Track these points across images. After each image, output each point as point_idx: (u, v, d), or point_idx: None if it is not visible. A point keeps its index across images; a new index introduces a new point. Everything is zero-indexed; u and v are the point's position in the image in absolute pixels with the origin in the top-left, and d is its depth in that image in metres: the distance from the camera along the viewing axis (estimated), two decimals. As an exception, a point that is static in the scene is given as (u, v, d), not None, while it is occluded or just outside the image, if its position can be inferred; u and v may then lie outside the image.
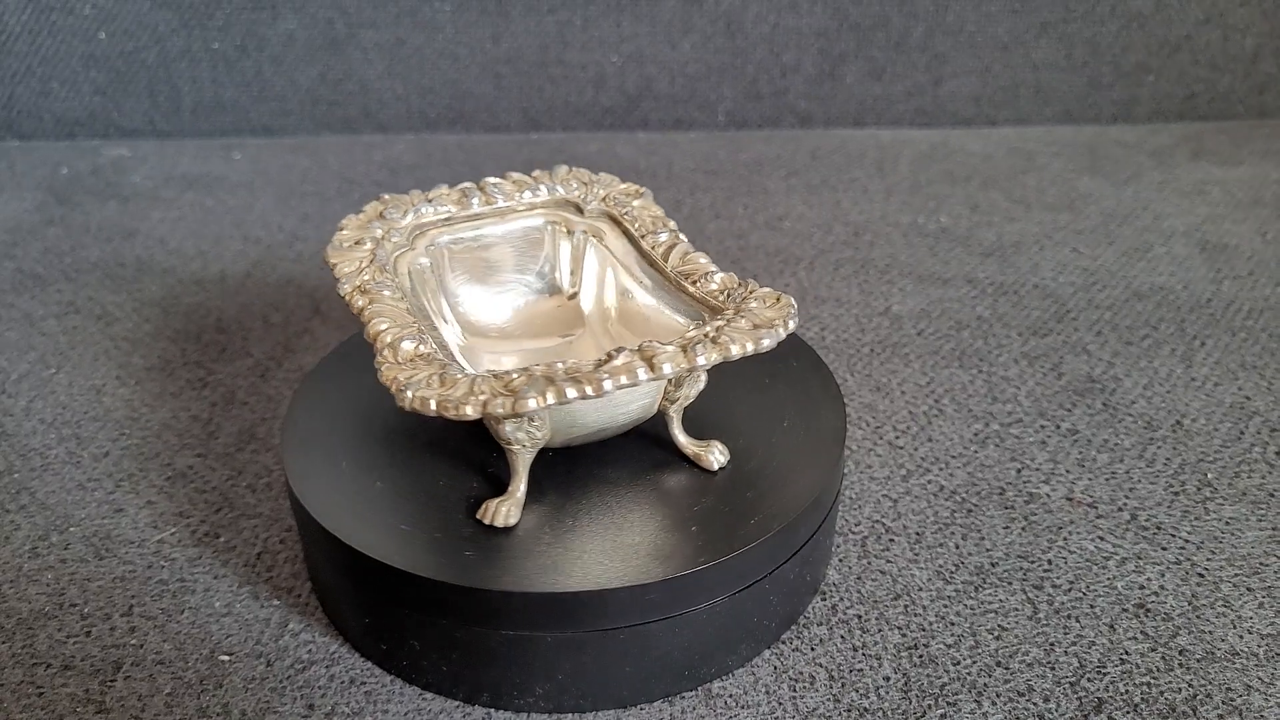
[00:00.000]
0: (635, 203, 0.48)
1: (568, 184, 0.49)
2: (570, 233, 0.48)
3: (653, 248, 0.45)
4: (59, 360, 0.61)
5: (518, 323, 0.48)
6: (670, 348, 0.35)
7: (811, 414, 0.45)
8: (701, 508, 0.40)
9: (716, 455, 0.42)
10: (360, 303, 0.40)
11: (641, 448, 0.43)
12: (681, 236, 0.45)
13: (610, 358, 0.35)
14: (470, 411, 0.34)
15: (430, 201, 0.47)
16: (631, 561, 0.37)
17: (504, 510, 0.39)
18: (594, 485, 0.41)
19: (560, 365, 0.35)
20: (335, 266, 0.43)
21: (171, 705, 0.39)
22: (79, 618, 0.43)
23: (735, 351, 0.36)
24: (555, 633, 0.37)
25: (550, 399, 0.34)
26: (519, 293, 0.48)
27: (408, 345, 0.37)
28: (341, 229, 0.46)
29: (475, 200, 0.48)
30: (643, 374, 0.34)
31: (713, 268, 0.42)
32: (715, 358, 0.35)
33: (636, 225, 0.46)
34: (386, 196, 0.48)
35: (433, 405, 0.34)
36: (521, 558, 0.37)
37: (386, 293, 0.41)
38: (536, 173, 0.50)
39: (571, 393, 0.34)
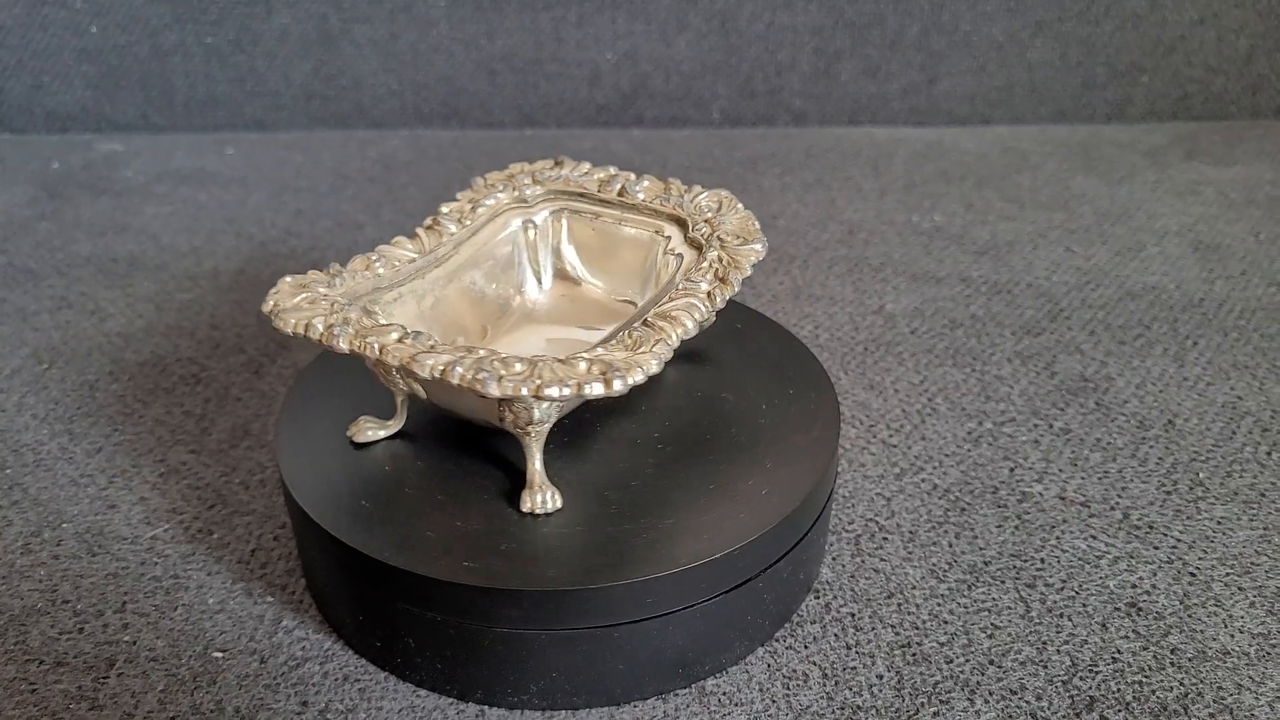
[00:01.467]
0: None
1: (699, 206, 0.47)
2: (665, 246, 0.47)
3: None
4: (51, 355, 0.61)
5: (559, 308, 0.48)
6: (449, 354, 0.35)
7: (805, 412, 0.45)
8: (695, 505, 0.40)
9: (539, 501, 0.39)
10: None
11: (637, 446, 0.43)
12: (719, 297, 0.42)
13: (405, 335, 0.36)
14: (280, 323, 0.37)
15: (578, 174, 0.50)
16: (625, 559, 0.37)
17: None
18: (588, 483, 0.41)
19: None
20: (460, 195, 0.48)
21: (165, 702, 0.39)
22: (72, 614, 0.43)
23: (493, 391, 0.34)
24: (549, 630, 0.37)
25: (347, 346, 0.36)
26: (587, 281, 0.49)
27: (358, 261, 0.41)
28: (502, 171, 0.50)
29: (616, 186, 0.48)
30: (427, 372, 0.35)
31: (683, 317, 0.40)
32: (468, 380, 0.34)
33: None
34: (562, 158, 0.50)
35: (269, 304, 0.38)
36: (515, 555, 0.37)
37: (452, 228, 0.45)
38: (686, 185, 0.49)
39: (341, 345, 0.36)
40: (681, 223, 0.47)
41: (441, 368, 0.35)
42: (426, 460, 0.42)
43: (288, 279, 0.39)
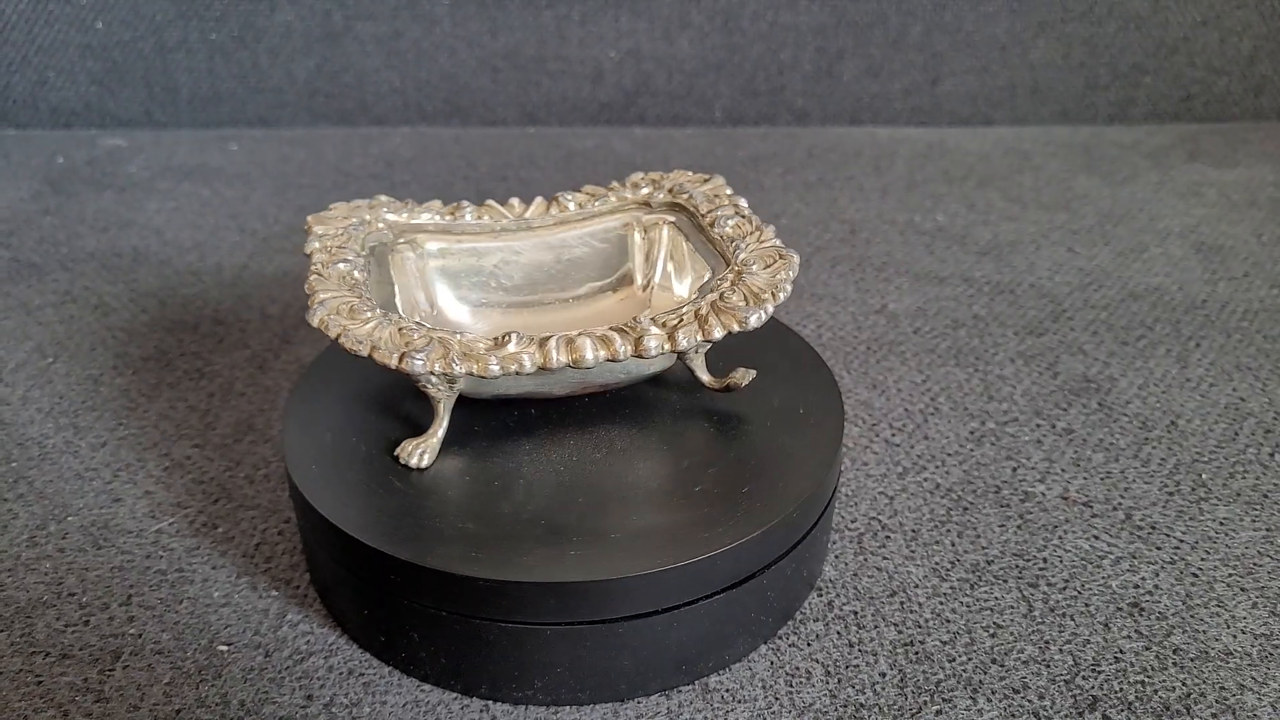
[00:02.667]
0: (704, 187, 0.49)
1: (637, 187, 0.50)
2: (643, 228, 0.49)
3: (712, 225, 0.45)
4: (56, 349, 0.61)
5: (583, 318, 0.48)
6: (551, 341, 0.38)
7: (809, 411, 0.45)
8: (699, 502, 0.40)
9: (739, 378, 0.44)
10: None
11: (641, 442, 0.43)
12: (745, 214, 0.46)
13: (503, 342, 0.38)
14: (361, 352, 0.38)
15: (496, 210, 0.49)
16: (630, 556, 0.37)
17: (418, 452, 0.41)
18: (593, 480, 0.41)
19: (458, 338, 0.38)
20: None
21: (170, 695, 0.39)
22: (77, 607, 0.43)
23: (653, 349, 0.38)
24: (554, 625, 0.37)
25: (436, 367, 0.37)
26: (588, 292, 0.49)
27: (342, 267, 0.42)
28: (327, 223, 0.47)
29: (554, 209, 0.49)
30: (528, 362, 0.37)
31: (758, 235, 0.44)
32: (604, 355, 0.38)
33: (700, 206, 0.47)
34: (453, 204, 0.49)
35: (330, 332, 0.39)
36: (521, 550, 0.37)
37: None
38: (613, 184, 0.50)
39: (459, 368, 0.37)
40: (643, 207, 0.49)
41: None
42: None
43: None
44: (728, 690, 0.40)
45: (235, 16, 0.95)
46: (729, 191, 0.48)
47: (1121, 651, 0.41)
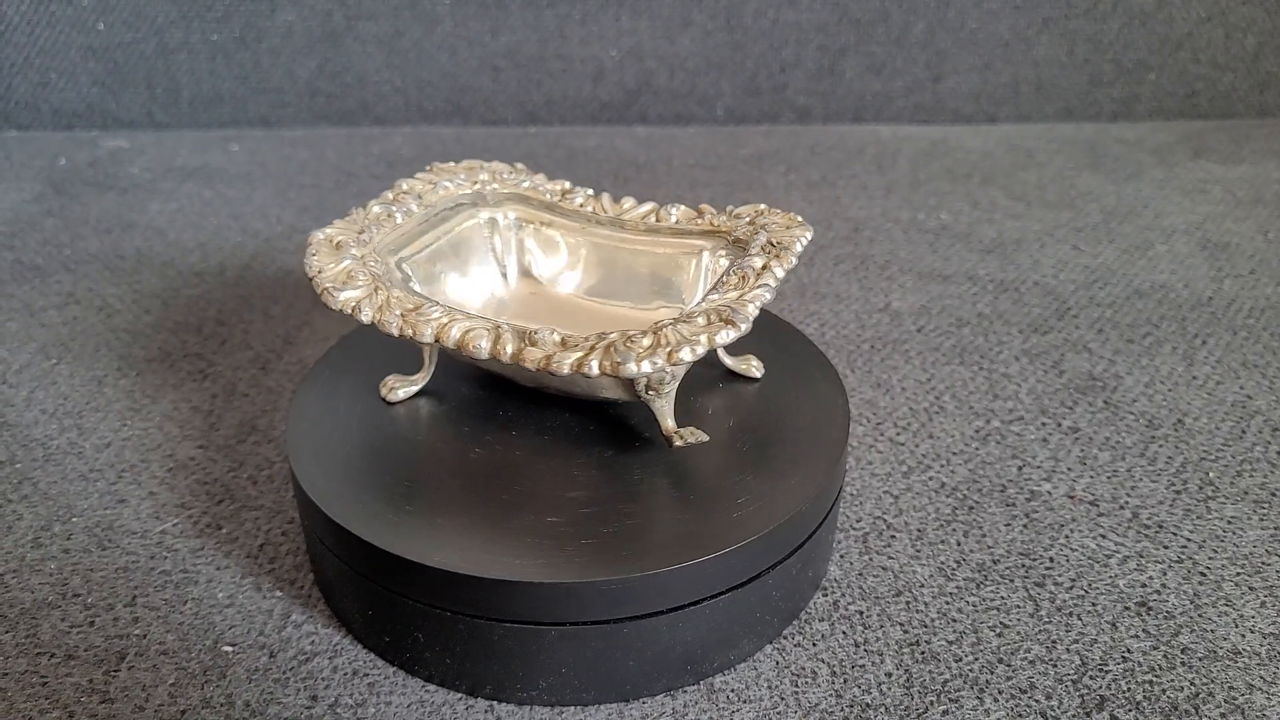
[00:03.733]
0: (788, 231, 0.45)
1: (737, 217, 0.47)
2: (713, 254, 0.47)
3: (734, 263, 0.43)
4: (60, 351, 0.61)
5: (609, 319, 0.48)
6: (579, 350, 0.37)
7: (814, 409, 0.45)
8: (704, 501, 0.40)
9: (684, 435, 0.40)
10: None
11: (646, 442, 0.43)
12: (776, 267, 0.42)
13: (420, 306, 0.39)
14: (356, 312, 0.39)
15: (543, 185, 0.50)
16: (635, 556, 0.37)
17: (399, 388, 0.45)
18: (600, 479, 0.41)
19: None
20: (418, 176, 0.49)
21: (175, 695, 0.39)
22: (82, 608, 0.43)
23: (632, 370, 0.36)
24: (559, 626, 0.37)
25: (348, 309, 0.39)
26: (625, 299, 0.49)
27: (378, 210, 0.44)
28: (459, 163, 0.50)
29: (577, 200, 0.49)
30: (509, 347, 0.38)
31: (754, 276, 0.41)
32: (595, 369, 0.37)
33: (750, 244, 0.44)
34: (519, 165, 0.51)
35: (308, 253, 0.41)
36: (525, 551, 0.37)
37: (413, 206, 0.47)
38: (729, 207, 0.48)
39: (366, 315, 0.39)
40: (723, 236, 0.46)
41: (575, 363, 0.37)
42: (436, 454, 0.42)
43: (319, 236, 0.43)
44: (733, 690, 0.39)
45: (237, 17, 0.95)
46: (798, 249, 0.43)
47: (1129, 651, 0.41)
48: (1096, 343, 0.62)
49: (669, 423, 0.41)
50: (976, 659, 0.41)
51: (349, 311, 0.40)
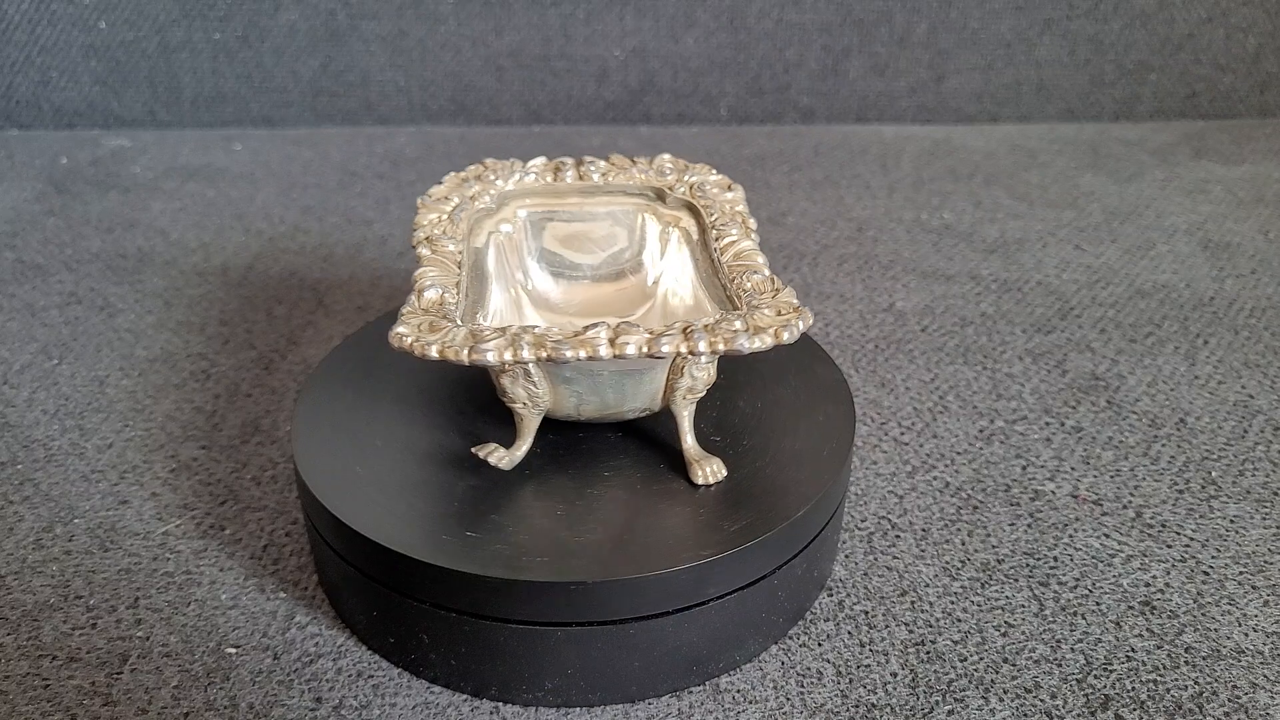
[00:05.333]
0: (726, 195, 0.48)
1: (661, 171, 0.49)
2: (656, 219, 0.49)
3: (716, 239, 0.44)
4: (61, 351, 0.61)
5: (582, 300, 0.48)
6: (641, 333, 0.36)
7: (819, 410, 0.45)
8: (710, 503, 0.40)
9: (710, 471, 0.41)
10: (424, 252, 0.43)
11: (652, 443, 0.43)
12: (753, 236, 0.45)
13: (584, 331, 0.36)
14: (434, 353, 0.36)
15: (527, 171, 0.49)
16: (640, 557, 0.37)
17: (503, 457, 0.41)
18: (605, 479, 0.41)
19: (543, 330, 0.37)
20: (417, 215, 0.46)
21: (178, 698, 0.39)
22: (84, 610, 0.43)
23: (703, 347, 0.35)
24: (564, 627, 0.37)
25: (507, 356, 0.35)
26: (589, 272, 0.49)
27: (431, 294, 0.39)
28: (439, 184, 0.48)
29: (569, 175, 0.49)
30: (604, 350, 0.36)
31: (764, 269, 0.42)
32: (682, 349, 0.36)
33: (713, 218, 0.46)
34: (489, 161, 0.50)
35: (407, 342, 0.36)
36: (531, 550, 0.37)
37: (450, 246, 0.43)
38: (637, 158, 0.50)
39: (526, 354, 0.35)
40: (657, 191, 0.48)
41: (682, 344, 0.36)
42: (439, 455, 0.42)
43: (403, 327, 0.38)
44: (739, 691, 0.39)
45: (239, 16, 0.95)
46: (743, 209, 0.47)
47: (1133, 650, 0.41)
48: (1099, 342, 0.62)
49: (691, 439, 0.41)
50: (981, 659, 0.41)
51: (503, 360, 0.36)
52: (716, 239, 0.44)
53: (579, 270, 0.49)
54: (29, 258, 0.72)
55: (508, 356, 0.35)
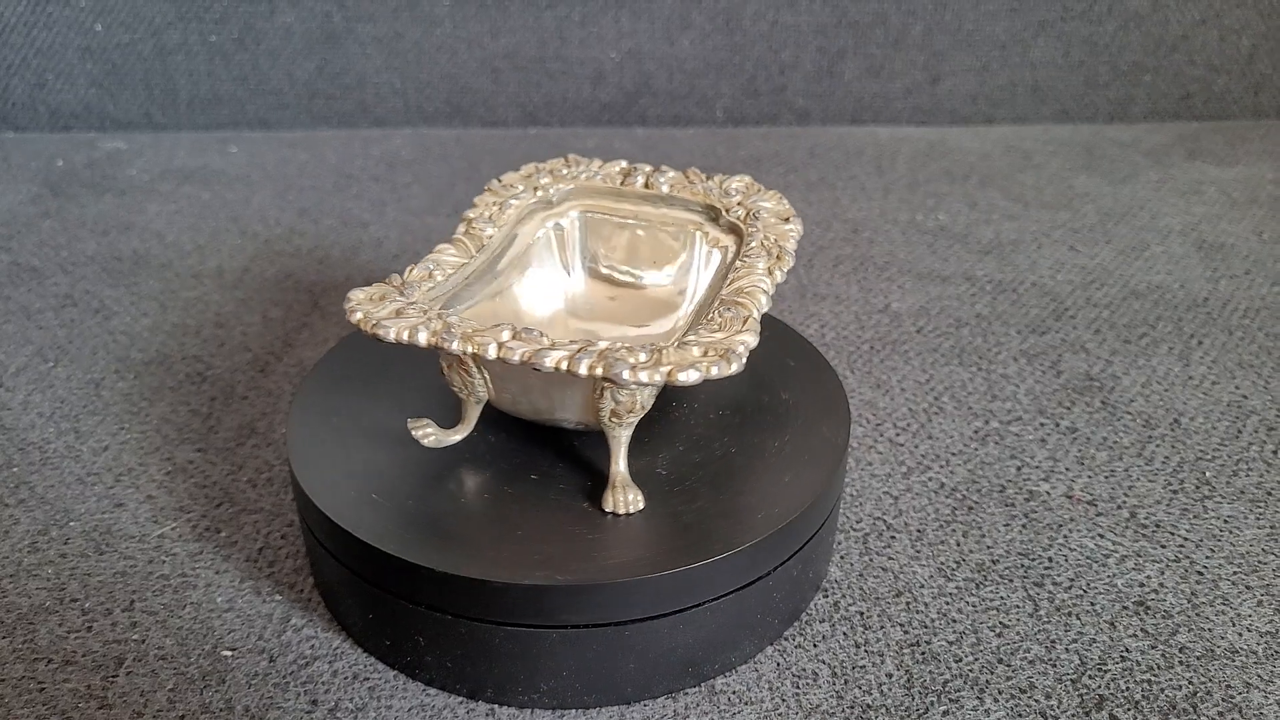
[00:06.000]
0: (781, 226, 0.46)
1: (727, 191, 0.48)
2: (705, 238, 0.48)
3: (737, 266, 0.43)
4: (57, 354, 0.61)
5: (614, 306, 0.48)
6: (534, 343, 0.36)
7: (814, 411, 0.45)
8: (704, 504, 0.40)
9: (625, 501, 0.39)
10: (458, 232, 0.45)
11: (646, 444, 0.43)
12: (777, 271, 0.42)
13: (492, 329, 0.37)
14: (357, 318, 0.37)
15: (596, 171, 0.50)
16: (635, 558, 0.37)
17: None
18: (599, 482, 0.41)
19: (456, 322, 0.37)
20: (478, 196, 0.47)
21: (174, 701, 0.39)
22: (80, 613, 0.43)
23: (583, 370, 0.35)
24: (559, 628, 0.37)
25: (404, 337, 0.36)
26: (628, 280, 0.49)
27: (419, 270, 0.41)
28: (514, 171, 0.49)
29: (638, 180, 0.49)
30: (491, 351, 0.36)
31: (751, 308, 0.39)
32: (563, 365, 0.35)
33: (750, 245, 0.44)
34: (571, 156, 0.51)
35: (349, 306, 0.38)
36: (526, 554, 0.37)
37: (488, 230, 0.45)
38: (714, 174, 0.50)
39: (421, 339, 0.36)
40: (713, 210, 0.47)
41: (565, 361, 0.35)
42: (434, 458, 0.42)
43: (358, 293, 0.39)
44: (734, 692, 0.39)
45: (235, 18, 0.95)
46: (790, 246, 0.44)
47: (1127, 650, 0.41)
48: (1094, 343, 0.62)
49: (621, 464, 0.40)
50: (976, 659, 0.41)
51: (400, 340, 0.37)
52: (737, 266, 0.43)
53: (619, 276, 0.49)
54: (24, 260, 0.72)
55: (404, 338, 0.36)
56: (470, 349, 0.36)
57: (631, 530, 0.38)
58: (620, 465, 0.40)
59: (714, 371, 0.35)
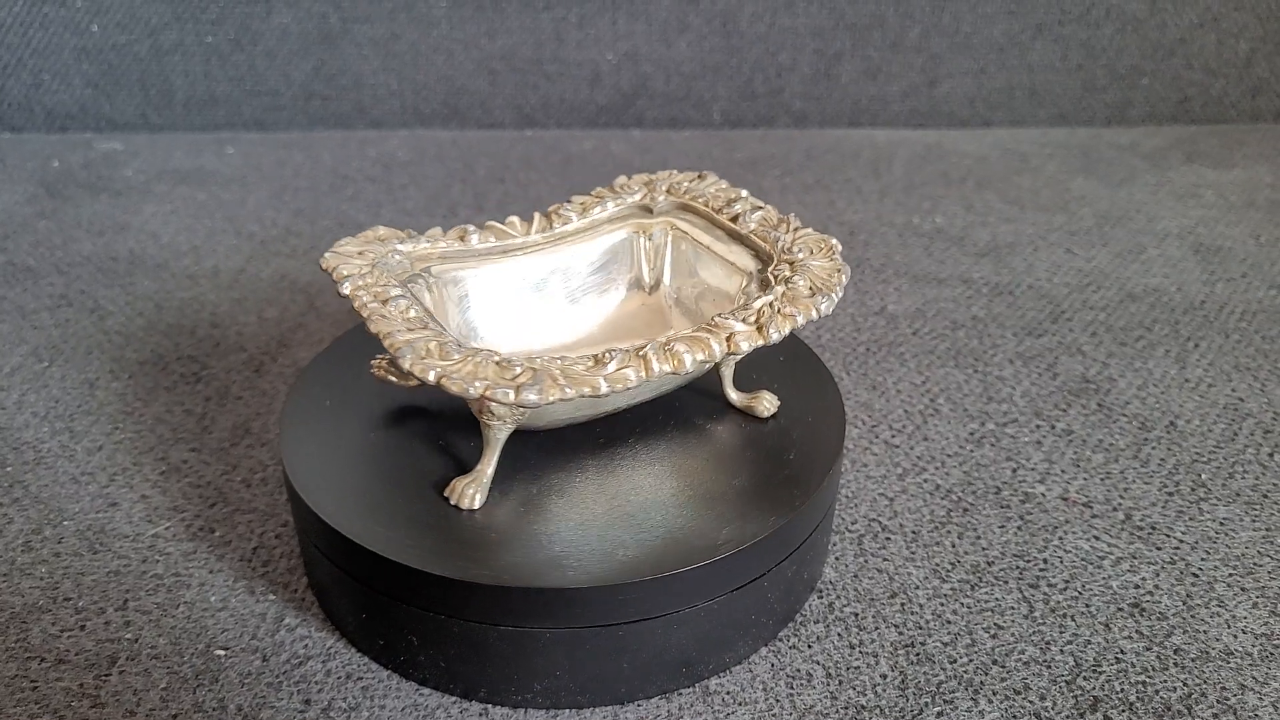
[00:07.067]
0: (705, 185, 0.48)
1: (629, 190, 0.49)
2: (648, 233, 0.48)
3: (730, 219, 0.45)
4: (51, 354, 0.61)
5: (601, 329, 0.47)
6: (655, 347, 0.37)
7: (809, 412, 0.45)
8: (699, 505, 0.40)
9: (765, 404, 0.45)
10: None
11: (645, 446, 0.43)
12: (756, 202, 0.46)
13: (604, 360, 0.36)
14: (473, 392, 0.34)
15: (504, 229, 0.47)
16: (630, 558, 0.37)
17: (470, 492, 0.39)
18: (595, 483, 0.41)
19: (557, 362, 0.36)
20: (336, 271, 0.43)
21: (167, 700, 0.38)
22: (73, 611, 0.42)
23: (744, 346, 0.37)
24: (553, 629, 0.37)
25: (552, 396, 0.34)
26: (597, 300, 0.48)
27: (402, 303, 0.39)
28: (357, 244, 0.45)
29: (556, 225, 0.47)
30: (634, 376, 0.36)
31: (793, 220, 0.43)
32: (701, 358, 0.37)
33: (710, 204, 0.47)
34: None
35: (431, 377, 0.35)
36: (520, 553, 0.37)
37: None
38: (597, 190, 0.49)
39: (570, 392, 0.35)
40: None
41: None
42: (431, 458, 0.42)
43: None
44: (728, 692, 0.39)
45: (231, 19, 0.95)
46: (725, 185, 0.48)
47: (1122, 652, 0.41)
48: (1090, 345, 0.62)
49: (734, 393, 0.45)
50: (971, 660, 0.41)
51: (546, 400, 0.35)
52: (735, 219, 0.45)
53: (583, 304, 0.48)
54: (20, 260, 0.72)
55: (552, 397, 0.34)
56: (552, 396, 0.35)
57: (625, 533, 0.38)
58: (735, 392, 0.45)
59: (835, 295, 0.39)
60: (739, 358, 0.42)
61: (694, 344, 0.37)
